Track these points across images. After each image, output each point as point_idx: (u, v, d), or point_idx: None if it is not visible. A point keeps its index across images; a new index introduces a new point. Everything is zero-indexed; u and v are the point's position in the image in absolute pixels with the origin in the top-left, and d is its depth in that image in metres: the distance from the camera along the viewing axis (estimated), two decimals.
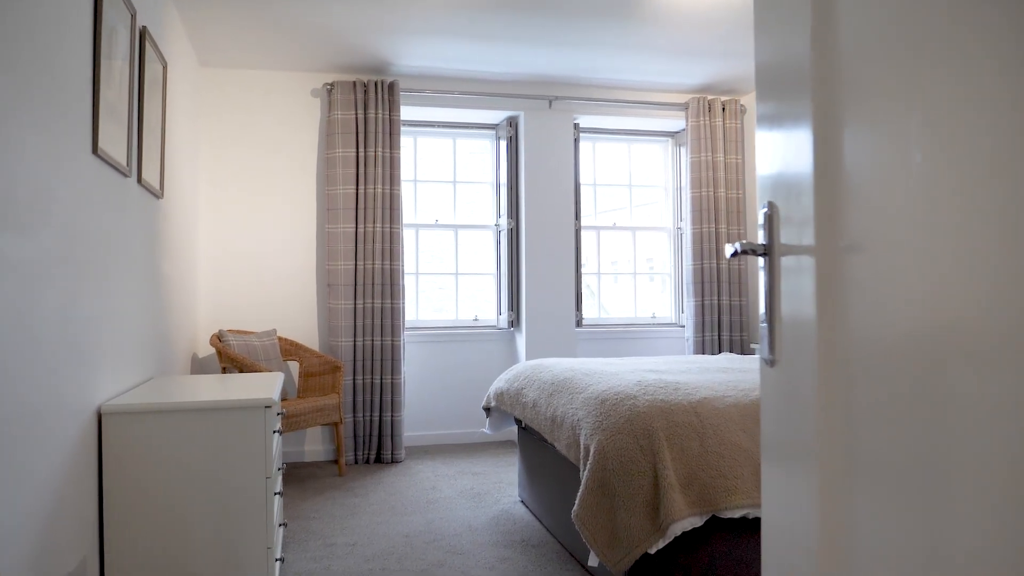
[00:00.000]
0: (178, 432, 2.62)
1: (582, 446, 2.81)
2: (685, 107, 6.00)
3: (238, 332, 5.02)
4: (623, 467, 2.61)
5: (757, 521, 2.71)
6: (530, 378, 3.77)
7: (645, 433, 2.66)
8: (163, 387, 3.07)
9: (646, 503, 2.57)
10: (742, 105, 6.11)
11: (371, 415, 5.29)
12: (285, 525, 3.41)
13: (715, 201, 5.96)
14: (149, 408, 2.61)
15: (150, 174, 3.48)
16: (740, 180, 6.03)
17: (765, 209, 1.33)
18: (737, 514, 2.61)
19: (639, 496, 2.58)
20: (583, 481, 2.68)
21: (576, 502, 2.68)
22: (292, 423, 4.58)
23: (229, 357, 4.59)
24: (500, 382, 4.15)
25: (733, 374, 3.44)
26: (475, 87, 5.73)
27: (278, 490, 3.02)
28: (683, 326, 6.32)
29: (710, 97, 6.01)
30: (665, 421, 2.70)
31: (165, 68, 3.80)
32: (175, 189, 4.23)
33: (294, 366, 5.33)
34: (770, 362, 1.33)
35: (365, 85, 5.37)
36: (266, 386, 3.07)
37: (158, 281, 3.73)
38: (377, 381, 5.28)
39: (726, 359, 4.19)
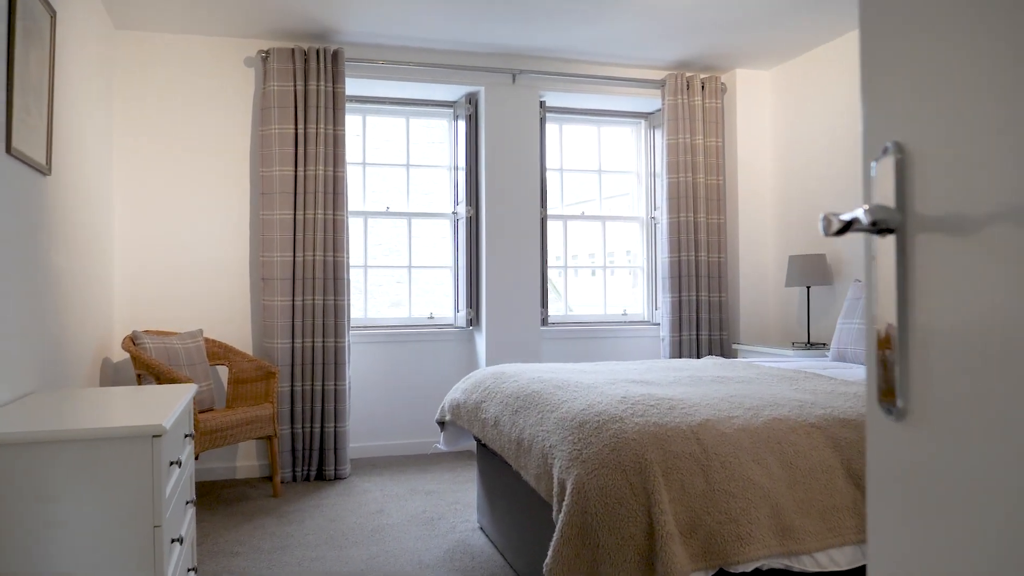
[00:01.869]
0: (33, 472, 2.02)
1: (556, 480, 2.26)
2: (661, 84, 5.48)
3: (157, 333, 4.38)
4: (609, 511, 2.07)
5: (773, 574, 2.19)
6: (490, 389, 3.21)
7: (636, 467, 2.12)
8: (34, 408, 2.46)
9: (638, 557, 2.03)
10: (723, 83, 5.60)
11: (311, 426, 4.68)
12: (195, 571, 2.82)
13: (694, 188, 5.45)
14: None
15: (28, 144, 2.85)
16: (720, 165, 5.53)
17: (890, 156, 0.79)
18: (750, 567, 2.09)
19: (629, 548, 2.04)
20: (558, 527, 2.13)
21: (549, 553, 2.13)
22: (217, 439, 3.97)
23: (143, 363, 3.96)
24: (456, 392, 3.58)
25: (731, 385, 2.92)
26: (430, 58, 5.14)
27: (178, 535, 2.43)
28: (657, 324, 5.81)
29: (688, 74, 5.49)
30: (660, 451, 2.16)
31: (53, 20, 3.16)
32: (72, 165, 3.59)
33: (223, 371, 4.71)
34: (896, 412, 0.79)
35: (305, 53, 4.76)
36: (165, 405, 2.47)
37: (45, 274, 3.10)
38: (318, 387, 4.68)
39: (714, 364, 3.68)
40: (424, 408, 5.35)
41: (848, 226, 0.79)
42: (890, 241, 0.80)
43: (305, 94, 4.74)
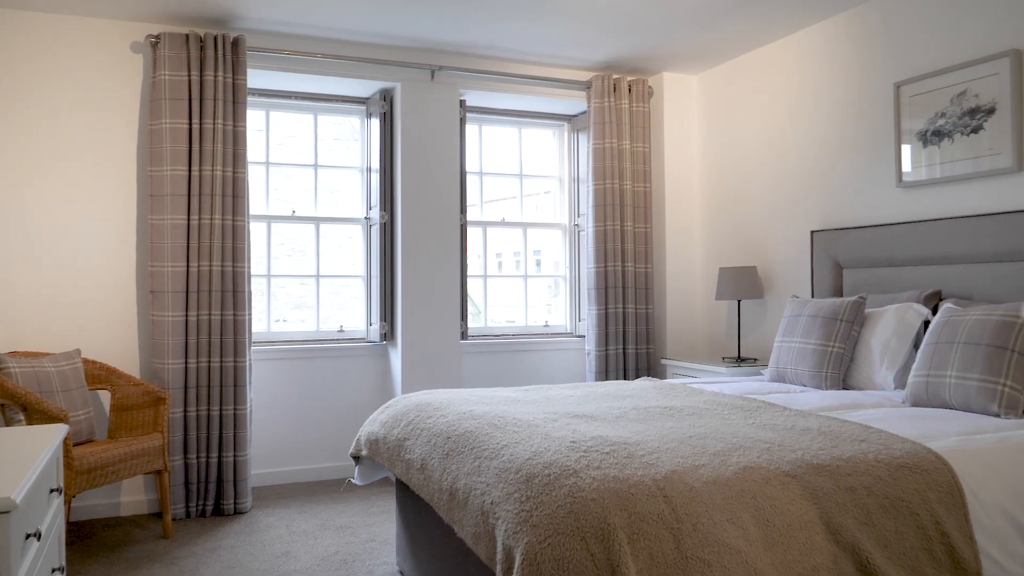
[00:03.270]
0: None
1: (500, 546, 1.94)
2: (587, 86, 5.22)
3: (26, 355, 3.84)
4: None
5: None
6: (415, 425, 2.86)
7: (598, 533, 1.82)
8: None
9: None
10: (650, 86, 5.39)
11: (207, 456, 4.21)
12: None
13: (621, 195, 5.21)
14: None
15: None
16: (647, 171, 5.31)
17: None
18: None
19: None
20: None
21: None
22: (97, 477, 3.48)
23: (7, 392, 3.43)
24: (374, 425, 3.21)
25: (683, 420, 2.66)
26: (342, 50, 4.72)
27: None
28: (581, 336, 5.56)
29: (615, 76, 5.25)
30: (625, 513, 1.86)
31: None
32: None
33: (104, 396, 4.19)
34: None
35: (202, 40, 4.28)
36: (23, 460, 2.02)
37: None
38: (215, 413, 4.21)
39: (654, 389, 3.42)
40: (334, 430, 4.94)
41: None
42: None
43: (201, 85, 4.26)
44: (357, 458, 3.36)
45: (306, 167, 5.15)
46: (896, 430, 2.56)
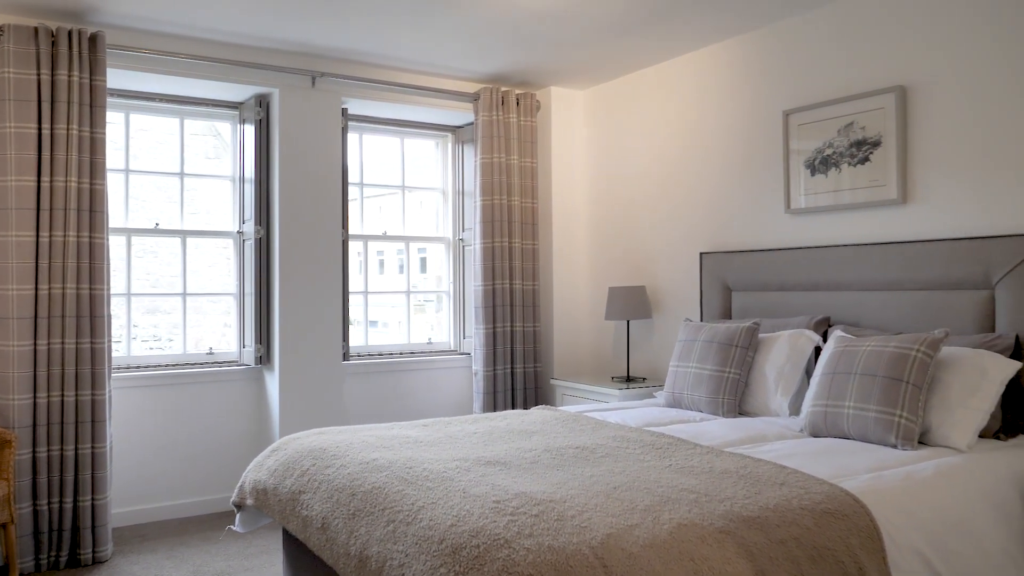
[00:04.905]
0: None
1: None
2: (475, 98, 5.06)
3: None
4: None
5: None
6: (312, 476, 2.62)
7: None
8: None
9: None
10: (538, 100, 5.29)
11: (60, 501, 3.77)
12: None
13: (509, 211, 5.09)
14: None
15: None
16: (535, 187, 5.21)
17: None
18: None
19: None
20: None
21: None
22: None
23: None
24: (260, 472, 2.93)
25: (601, 464, 2.55)
26: (214, 52, 4.35)
27: None
28: (466, 354, 5.40)
29: (504, 88, 5.13)
30: None
31: None
32: None
33: None
34: None
35: (54, 34, 3.82)
36: None
37: None
38: (69, 453, 3.77)
39: (556, 421, 3.32)
40: (204, 462, 4.57)
41: None
42: None
43: (52, 85, 3.81)
44: (240, 506, 3.07)
45: (171, 175, 4.74)
46: (809, 469, 2.55)
